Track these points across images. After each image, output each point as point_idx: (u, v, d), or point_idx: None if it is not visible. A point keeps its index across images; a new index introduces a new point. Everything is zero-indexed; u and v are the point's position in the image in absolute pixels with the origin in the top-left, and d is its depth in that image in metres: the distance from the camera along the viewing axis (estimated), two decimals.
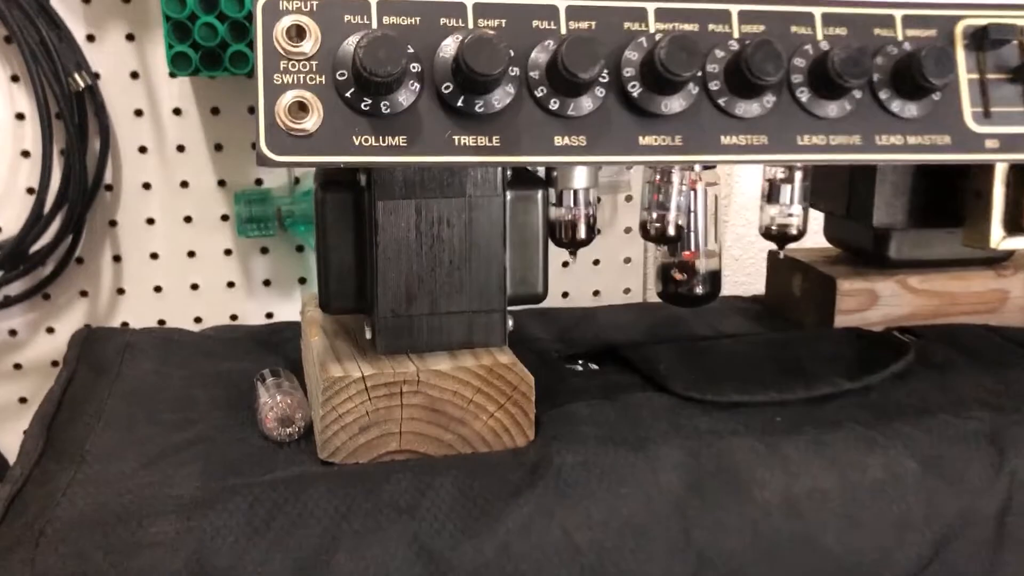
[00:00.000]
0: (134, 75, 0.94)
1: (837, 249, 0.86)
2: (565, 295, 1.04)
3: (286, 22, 0.51)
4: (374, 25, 0.52)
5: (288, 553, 0.50)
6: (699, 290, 0.76)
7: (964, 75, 0.58)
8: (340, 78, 0.51)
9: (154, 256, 0.98)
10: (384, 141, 0.51)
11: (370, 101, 0.51)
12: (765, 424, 0.61)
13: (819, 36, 0.57)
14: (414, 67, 0.51)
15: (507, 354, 0.61)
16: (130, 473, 0.56)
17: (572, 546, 0.53)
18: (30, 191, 0.94)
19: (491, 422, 0.60)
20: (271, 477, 0.55)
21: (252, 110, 0.48)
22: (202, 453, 0.58)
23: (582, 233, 0.64)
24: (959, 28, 0.59)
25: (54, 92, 0.89)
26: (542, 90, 0.53)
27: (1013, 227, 0.68)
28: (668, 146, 0.54)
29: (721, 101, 0.55)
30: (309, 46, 0.51)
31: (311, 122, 0.50)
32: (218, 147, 0.96)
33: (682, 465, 0.57)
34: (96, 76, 0.93)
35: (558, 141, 0.53)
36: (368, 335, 0.60)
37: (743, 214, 1.12)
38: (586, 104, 0.53)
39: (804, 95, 0.56)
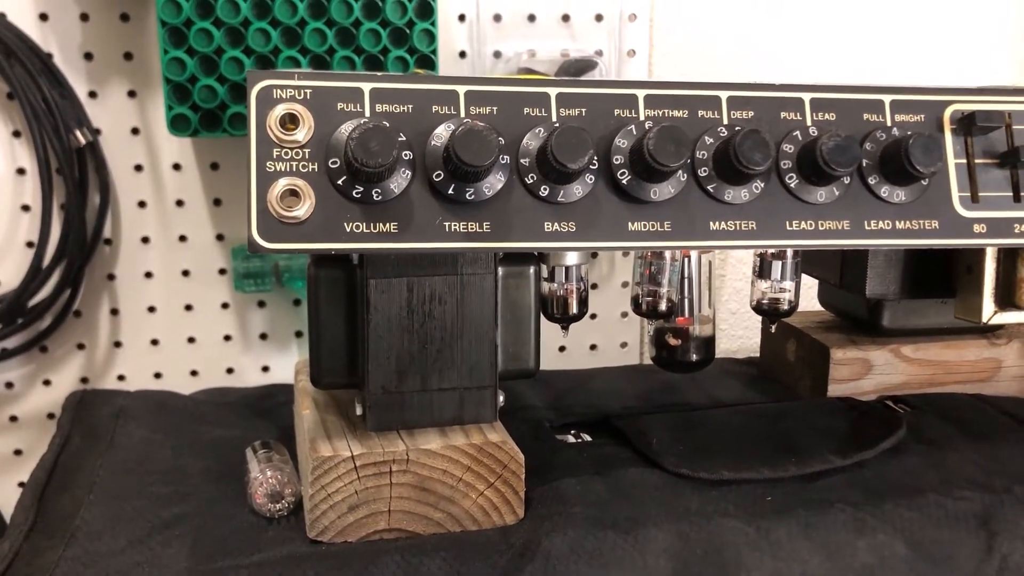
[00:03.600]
0: (135, 131, 0.95)
1: (831, 314, 0.86)
2: (562, 349, 1.04)
3: (279, 110, 0.51)
4: (367, 113, 0.52)
5: None
6: (693, 356, 0.77)
7: (952, 160, 0.59)
8: (332, 166, 0.51)
9: (151, 309, 0.99)
10: (375, 228, 0.52)
11: (362, 188, 0.51)
12: (755, 504, 0.61)
13: (808, 122, 0.57)
14: (406, 155, 0.52)
15: (497, 431, 0.61)
16: (119, 551, 0.56)
17: None
18: (30, 245, 0.94)
19: (481, 500, 0.60)
20: (259, 558, 0.55)
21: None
22: (190, 530, 0.58)
23: (574, 308, 0.64)
24: (947, 113, 0.59)
25: (55, 148, 0.90)
26: (532, 177, 0.53)
27: (1004, 302, 0.69)
28: (657, 232, 0.55)
29: (710, 187, 0.55)
30: (302, 134, 0.51)
31: (303, 209, 0.51)
32: (217, 202, 0.97)
33: (671, 549, 0.57)
34: (97, 132, 0.94)
35: (548, 227, 0.54)
36: (359, 411, 0.60)
37: (740, 268, 1.12)
38: (576, 191, 0.54)
39: (793, 181, 0.56)
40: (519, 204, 0.53)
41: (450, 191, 0.52)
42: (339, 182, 0.51)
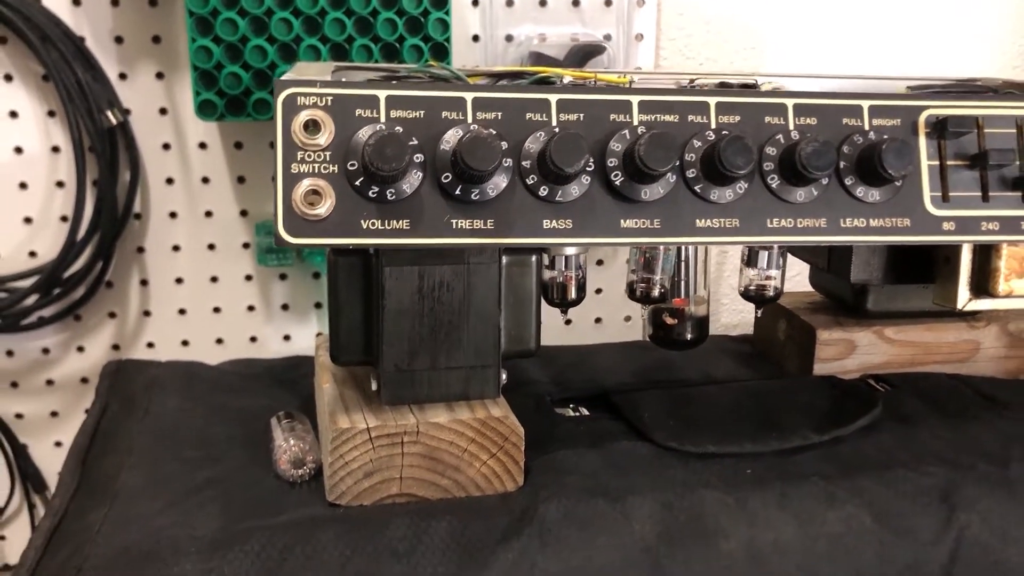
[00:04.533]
0: (163, 111, 1.00)
1: (820, 296, 0.91)
2: (568, 323, 1.09)
3: (303, 116, 0.56)
4: (382, 118, 0.57)
5: None
6: (688, 336, 0.82)
7: (925, 162, 0.63)
8: (351, 168, 0.56)
9: (179, 281, 1.04)
10: (389, 224, 0.57)
11: (377, 189, 0.56)
12: (736, 476, 0.66)
13: (791, 126, 0.62)
14: (417, 158, 0.57)
15: (500, 406, 0.66)
16: (157, 512, 0.62)
17: None
18: (64, 219, 1.00)
19: (484, 469, 0.65)
20: (284, 519, 0.61)
21: (273, 145, 0.54)
22: (221, 493, 0.64)
23: (572, 294, 0.70)
24: (922, 118, 0.63)
25: (87, 128, 0.95)
26: (533, 178, 0.58)
27: (979, 290, 0.73)
28: (648, 228, 0.60)
29: (697, 188, 0.60)
30: (324, 138, 0.56)
31: (324, 207, 0.56)
32: (241, 179, 1.02)
33: (655, 516, 0.62)
34: (127, 112, 0.99)
35: (547, 224, 0.59)
36: (374, 387, 0.66)
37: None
38: (573, 191, 0.59)
39: (774, 181, 0.61)
40: (521, 203, 0.58)
41: (457, 191, 0.57)
42: (356, 183, 0.56)
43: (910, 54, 1.13)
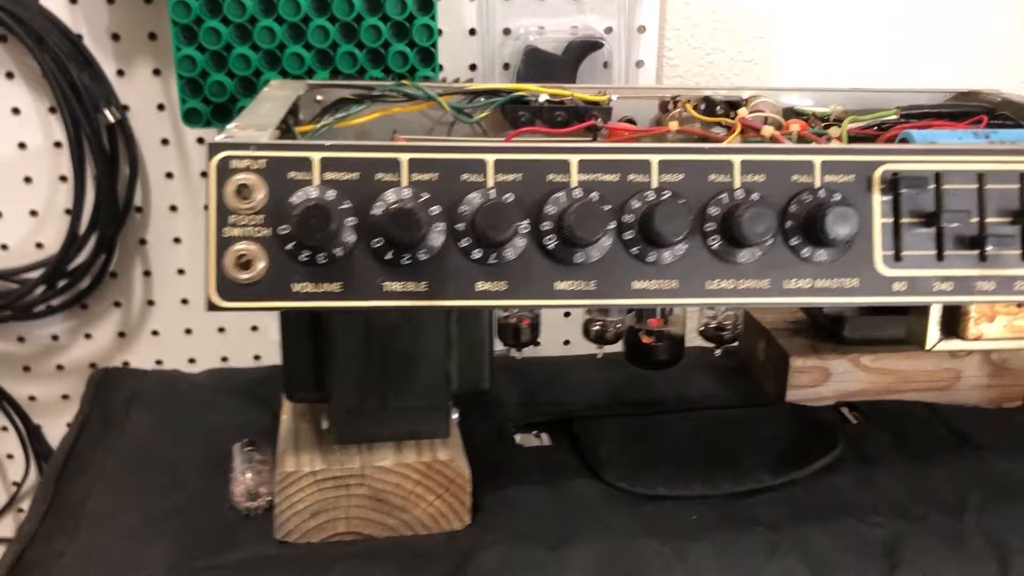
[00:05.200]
0: (160, 107, 1.01)
1: (805, 314, 0.90)
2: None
3: (236, 180, 0.57)
4: (316, 181, 0.57)
5: None
6: (663, 356, 0.81)
7: (879, 219, 0.61)
8: (282, 232, 0.57)
9: (181, 272, 1.07)
10: (321, 288, 0.57)
11: (308, 253, 0.57)
12: (681, 523, 0.67)
13: (737, 183, 0.60)
14: (350, 221, 0.57)
15: (448, 447, 0.67)
16: (114, 543, 0.65)
17: None
18: (68, 212, 1.02)
19: (430, 509, 0.67)
20: (231, 558, 0.63)
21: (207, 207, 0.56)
22: (178, 526, 0.66)
23: (526, 336, 0.70)
24: (877, 174, 0.61)
25: (85, 127, 0.97)
26: (467, 241, 0.58)
27: (949, 332, 0.72)
28: (583, 291, 0.59)
29: (634, 250, 0.59)
30: (256, 202, 0.57)
31: (255, 272, 0.57)
32: None
33: (590, 567, 0.63)
34: (125, 108, 1.01)
35: (480, 287, 0.59)
36: (324, 425, 0.67)
37: None
38: (507, 254, 0.58)
39: (715, 243, 0.60)
40: (454, 266, 0.58)
41: (387, 256, 0.57)
42: (288, 247, 0.57)
43: (923, 48, 1.09)
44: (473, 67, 1.04)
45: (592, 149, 0.60)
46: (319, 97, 0.83)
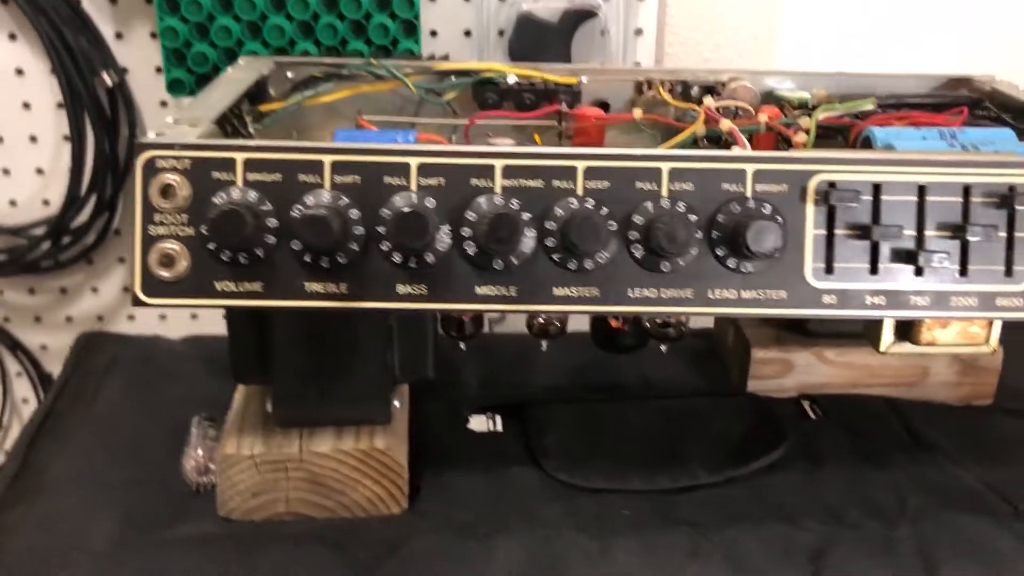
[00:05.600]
0: (158, 69, 1.02)
1: None
2: None
3: (161, 180, 0.58)
4: (239, 182, 0.58)
5: None
6: (629, 341, 0.81)
7: (811, 231, 0.60)
8: (204, 232, 0.58)
9: None
10: (242, 287, 0.59)
11: (230, 253, 0.58)
12: (612, 518, 0.68)
13: (664, 191, 0.60)
14: (271, 222, 0.58)
15: (387, 435, 0.69)
16: (67, 511, 0.69)
17: None
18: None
19: (368, 493, 0.69)
20: (172, 535, 0.66)
21: None
22: (130, 499, 0.70)
23: (468, 329, 0.71)
24: (812, 183, 0.60)
25: (82, 90, 0.99)
26: (387, 245, 0.59)
27: (902, 336, 0.70)
28: (504, 296, 0.60)
29: (555, 256, 0.59)
30: (180, 201, 0.58)
31: (179, 270, 0.58)
32: None
33: (516, 560, 0.64)
34: (124, 71, 1.02)
35: (401, 290, 0.59)
36: (269, 408, 0.70)
37: None
38: (428, 258, 0.59)
39: (639, 251, 0.59)
40: (376, 268, 0.59)
41: (306, 258, 0.58)
42: (210, 246, 0.58)
43: (939, 26, 1.05)
44: (468, 33, 1.03)
45: (517, 154, 0.59)
46: (290, 74, 0.83)
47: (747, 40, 1.08)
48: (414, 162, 0.59)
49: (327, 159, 0.59)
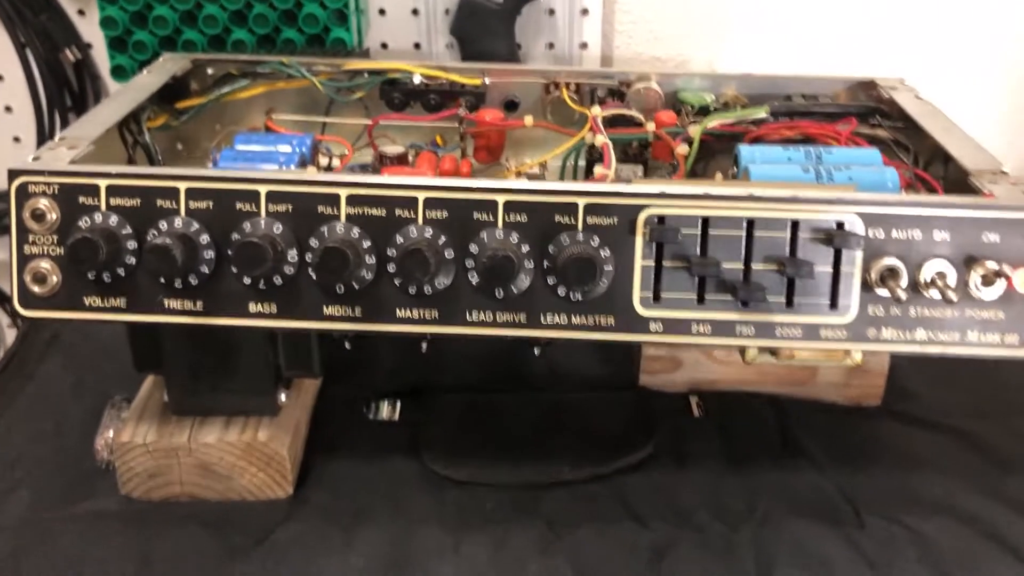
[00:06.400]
0: None
1: None
2: None
3: (32, 204, 0.63)
4: (103, 207, 0.63)
5: None
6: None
7: (639, 262, 0.63)
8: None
9: None
10: (108, 303, 0.64)
11: (94, 272, 0.63)
12: (474, 511, 0.72)
13: (499, 223, 0.63)
14: (130, 244, 0.63)
15: (271, 427, 0.75)
16: None
17: None
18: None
19: (255, 479, 0.75)
20: (76, 511, 0.73)
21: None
22: (44, 476, 0.77)
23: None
24: (641, 217, 0.62)
25: (45, 66, 1.05)
26: (235, 268, 0.63)
27: (765, 348, 0.73)
28: (349, 316, 0.64)
29: (396, 281, 0.63)
30: (50, 224, 0.63)
31: (51, 285, 0.64)
32: None
33: (376, 550, 0.70)
34: (88, 46, 1.07)
35: (252, 308, 0.64)
36: (165, 398, 0.76)
37: None
38: (276, 280, 0.63)
39: (474, 278, 0.63)
40: (227, 288, 0.64)
41: (162, 280, 0.63)
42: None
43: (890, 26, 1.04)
44: (415, 12, 1.05)
45: (362, 184, 0.63)
46: (210, 71, 0.87)
47: (699, 18, 1.08)
48: (263, 189, 0.63)
49: (182, 186, 0.63)
